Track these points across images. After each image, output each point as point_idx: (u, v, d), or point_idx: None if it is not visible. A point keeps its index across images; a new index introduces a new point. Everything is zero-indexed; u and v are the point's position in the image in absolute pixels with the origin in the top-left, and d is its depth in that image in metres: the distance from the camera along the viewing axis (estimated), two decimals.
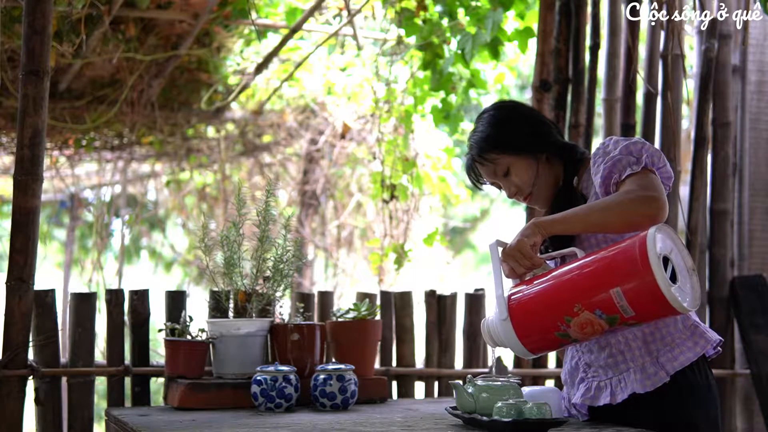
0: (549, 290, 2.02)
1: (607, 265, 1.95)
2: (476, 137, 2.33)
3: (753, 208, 4.03)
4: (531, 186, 2.29)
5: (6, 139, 5.52)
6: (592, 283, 1.96)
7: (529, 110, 2.40)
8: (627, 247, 1.94)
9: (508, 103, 2.45)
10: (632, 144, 2.13)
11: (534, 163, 2.28)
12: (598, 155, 2.17)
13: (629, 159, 2.10)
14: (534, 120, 2.35)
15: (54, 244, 9.48)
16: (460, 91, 4.47)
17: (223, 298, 2.75)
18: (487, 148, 2.30)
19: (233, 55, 5.19)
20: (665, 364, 2.11)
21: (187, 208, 7.35)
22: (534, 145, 2.29)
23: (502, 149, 2.28)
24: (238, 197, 2.70)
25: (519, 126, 2.31)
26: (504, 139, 2.29)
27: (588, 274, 1.97)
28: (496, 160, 2.29)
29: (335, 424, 2.15)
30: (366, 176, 5.98)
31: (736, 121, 4.01)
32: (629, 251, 1.92)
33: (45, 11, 2.77)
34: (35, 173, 2.76)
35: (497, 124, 2.32)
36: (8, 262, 2.76)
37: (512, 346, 2.07)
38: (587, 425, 2.14)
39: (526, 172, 2.28)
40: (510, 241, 2.10)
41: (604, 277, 1.94)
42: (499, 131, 2.30)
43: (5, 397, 2.75)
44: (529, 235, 2.06)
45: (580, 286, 1.97)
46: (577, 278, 1.98)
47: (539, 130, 2.32)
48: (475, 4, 3.91)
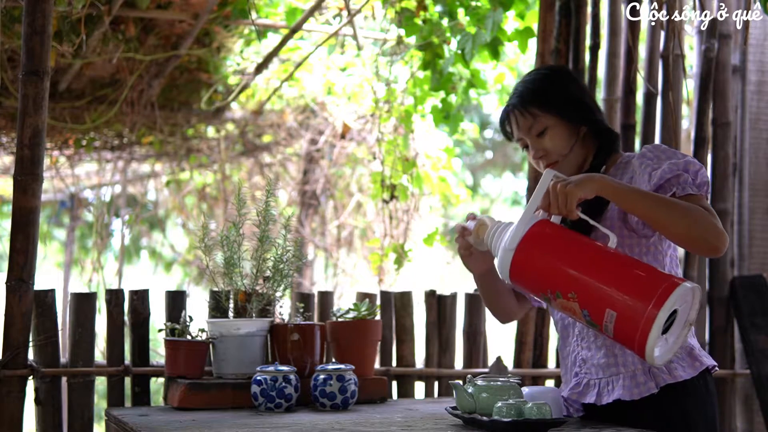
0: (561, 261, 1.96)
1: (622, 284, 1.88)
2: (524, 87, 2.23)
3: (753, 208, 4.03)
4: (561, 155, 2.19)
5: (6, 139, 5.53)
6: (598, 290, 1.90)
7: (583, 82, 2.32)
8: (648, 283, 1.86)
9: (564, 67, 2.36)
10: (691, 163, 2.07)
11: (574, 133, 2.19)
12: (648, 157, 2.11)
13: (687, 177, 2.04)
14: (586, 92, 2.27)
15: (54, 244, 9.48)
16: (460, 91, 4.47)
17: (223, 298, 2.75)
18: (531, 101, 2.19)
19: (233, 55, 5.19)
20: (657, 375, 2.10)
21: (187, 208, 7.35)
22: (580, 116, 2.20)
23: (547, 107, 2.18)
24: (238, 197, 2.70)
25: (572, 90, 2.22)
26: (552, 97, 2.19)
27: (600, 278, 1.91)
28: (537, 116, 2.19)
29: (335, 424, 2.15)
30: (366, 176, 5.98)
31: (736, 121, 4.01)
32: (648, 291, 1.84)
33: (45, 11, 2.77)
34: (35, 173, 2.76)
35: (550, 80, 2.23)
36: (8, 262, 2.76)
37: (499, 267, 2.03)
38: (587, 425, 2.14)
39: (562, 140, 2.19)
40: (566, 180, 1.98)
41: (612, 294, 1.88)
42: (550, 87, 2.21)
43: (5, 397, 2.75)
44: (584, 188, 1.94)
45: (587, 282, 1.91)
46: (590, 272, 1.92)
47: (589, 103, 2.23)
48: (475, 4, 3.91)
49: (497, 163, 11.66)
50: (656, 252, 2.13)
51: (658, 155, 2.11)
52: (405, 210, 5.15)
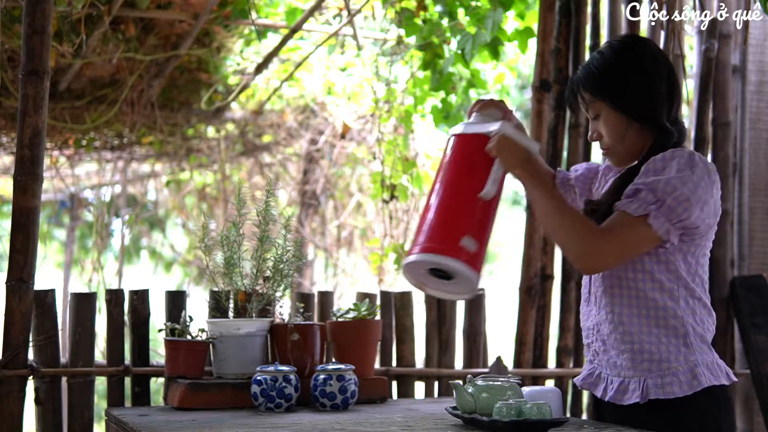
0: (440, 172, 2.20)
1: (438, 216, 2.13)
2: (587, 66, 2.16)
3: (753, 208, 4.03)
4: (612, 143, 2.15)
5: (6, 139, 5.52)
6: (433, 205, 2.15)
7: (659, 67, 2.13)
8: (439, 230, 2.10)
9: (637, 46, 2.16)
10: (672, 185, 2.00)
11: (625, 122, 2.12)
12: (657, 160, 2.06)
13: (645, 195, 2.01)
14: (653, 85, 2.11)
15: (54, 244, 9.48)
16: (460, 91, 4.47)
17: (223, 298, 2.75)
18: (586, 85, 2.14)
19: (233, 55, 5.19)
20: (649, 388, 2.08)
21: (187, 208, 7.35)
22: (633, 111, 2.12)
23: (601, 94, 2.12)
24: (238, 197, 2.70)
25: (631, 80, 2.12)
26: (609, 84, 2.12)
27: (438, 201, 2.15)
28: (590, 101, 2.14)
29: (335, 424, 2.15)
30: (366, 176, 5.98)
31: (736, 121, 4.01)
32: (435, 235, 2.09)
33: (45, 11, 2.77)
34: (35, 173, 2.76)
35: (612, 64, 2.12)
36: (8, 262, 2.76)
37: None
38: (587, 425, 2.14)
39: (614, 128, 2.13)
40: (506, 143, 2.10)
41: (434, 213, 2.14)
42: (608, 74, 2.12)
43: (5, 397, 2.75)
44: (505, 160, 2.09)
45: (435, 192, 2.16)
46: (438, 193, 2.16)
47: (649, 98, 2.11)
48: (475, 4, 3.91)
49: None
50: (668, 262, 2.10)
51: (666, 166, 2.04)
52: (405, 210, 5.16)
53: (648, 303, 2.11)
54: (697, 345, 2.11)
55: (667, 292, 2.10)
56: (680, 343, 2.10)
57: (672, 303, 2.10)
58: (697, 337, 2.12)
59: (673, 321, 2.10)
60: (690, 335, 2.10)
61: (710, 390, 2.09)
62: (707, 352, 2.13)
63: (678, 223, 2.03)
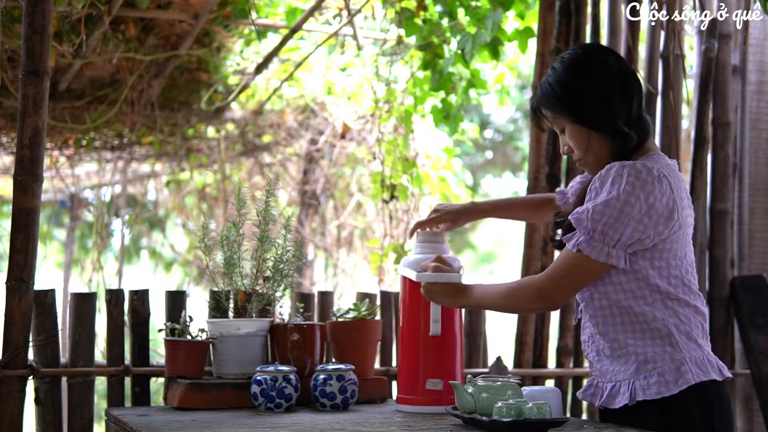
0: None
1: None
2: (542, 84, 2.20)
3: (753, 208, 4.03)
4: (581, 154, 2.18)
5: (6, 139, 5.52)
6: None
7: (610, 75, 2.15)
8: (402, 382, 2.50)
9: (597, 55, 2.19)
10: (606, 205, 2.04)
11: (586, 133, 2.15)
12: (599, 178, 2.09)
13: (580, 229, 2.07)
14: (606, 94, 2.14)
15: (54, 244, 9.48)
16: (460, 91, 4.47)
17: (223, 298, 2.75)
18: (544, 104, 2.19)
19: (233, 55, 5.19)
20: (636, 390, 2.09)
21: (187, 208, 7.35)
22: (589, 122, 2.14)
23: (557, 110, 2.17)
24: (238, 197, 2.70)
25: (586, 95, 2.14)
26: (563, 101, 2.15)
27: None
28: (552, 118, 2.19)
29: (335, 424, 2.15)
30: (366, 176, 5.98)
31: (736, 121, 4.01)
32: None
33: (45, 11, 2.77)
34: (35, 173, 2.76)
35: (564, 81, 2.16)
36: (8, 262, 2.76)
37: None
38: (587, 425, 2.14)
39: (577, 141, 2.17)
40: (435, 287, 2.35)
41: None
42: (562, 91, 2.16)
43: (5, 397, 2.75)
44: (447, 302, 2.34)
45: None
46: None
47: (603, 107, 2.13)
48: (475, 4, 3.91)
49: (497, 163, 11.66)
50: (634, 271, 2.10)
51: (602, 186, 2.07)
52: (405, 210, 5.15)
53: (625, 311, 2.12)
54: (683, 343, 2.09)
55: (641, 298, 2.11)
56: (665, 343, 2.09)
57: (648, 308, 2.10)
58: (683, 335, 2.10)
59: (654, 323, 2.10)
60: (674, 335, 2.09)
61: (700, 388, 2.07)
62: (696, 349, 2.11)
63: (616, 243, 2.06)
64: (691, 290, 2.15)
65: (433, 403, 2.39)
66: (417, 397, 2.42)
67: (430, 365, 2.42)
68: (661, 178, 2.07)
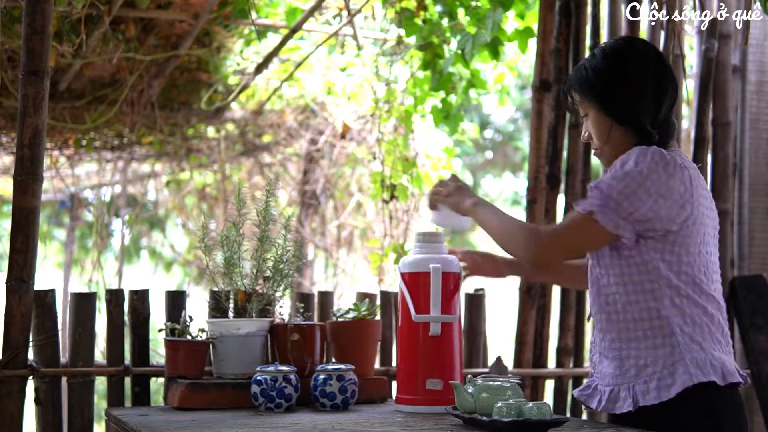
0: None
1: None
2: (578, 67, 2.23)
3: (753, 208, 4.02)
4: (599, 144, 2.20)
5: (6, 139, 5.52)
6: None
7: (646, 72, 2.16)
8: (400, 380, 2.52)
9: (637, 49, 2.20)
10: (627, 175, 2.05)
11: (609, 124, 2.17)
12: (618, 160, 2.11)
13: (596, 194, 2.07)
14: (637, 89, 2.15)
15: (54, 244, 9.49)
16: (460, 91, 4.47)
17: (223, 298, 2.75)
18: (574, 85, 2.21)
19: (233, 55, 5.19)
20: (636, 395, 2.09)
21: (187, 208, 7.35)
22: (615, 113, 2.16)
23: (586, 95, 2.19)
24: (238, 197, 2.70)
25: (617, 86, 2.16)
26: (594, 86, 2.17)
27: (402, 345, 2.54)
28: (579, 102, 2.21)
29: (335, 424, 2.15)
30: (366, 176, 5.98)
31: (736, 121, 4.01)
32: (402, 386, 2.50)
33: (45, 11, 2.77)
34: (35, 173, 2.76)
35: (601, 68, 2.17)
36: (8, 262, 2.76)
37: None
38: (587, 425, 2.14)
39: (598, 129, 2.19)
40: (449, 191, 2.39)
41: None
42: (596, 77, 2.17)
43: (5, 397, 2.75)
44: (456, 203, 2.34)
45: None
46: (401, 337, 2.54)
47: (632, 102, 2.14)
48: (475, 4, 3.91)
49: (497, 163, 11.66)
50: (645, 263, 2.10)
51: (625, 161, 2.09)
52: (405, 210, 5.15)
53: (630, 308, 2.11)
54: (685, 344, 2.07)
55: (648, 293, 2.10)
56: (666, 344, 2.08)
57: (655, 303, 2.09)
58: (686, 336, 2.08)
59: (658, 321, 2.09)
60: (677, 335, 2.08)
61: (704, 392, 2.05)
62: (698, 350, 2.08)
63: (628, 216, 2.05)
64: (702, 290, 2.12)
65: (432, 403, 2.40)
66: (417, 397, 2.42)
67: (430, 365, 2.42)
68: (682, 167, 2.09)
